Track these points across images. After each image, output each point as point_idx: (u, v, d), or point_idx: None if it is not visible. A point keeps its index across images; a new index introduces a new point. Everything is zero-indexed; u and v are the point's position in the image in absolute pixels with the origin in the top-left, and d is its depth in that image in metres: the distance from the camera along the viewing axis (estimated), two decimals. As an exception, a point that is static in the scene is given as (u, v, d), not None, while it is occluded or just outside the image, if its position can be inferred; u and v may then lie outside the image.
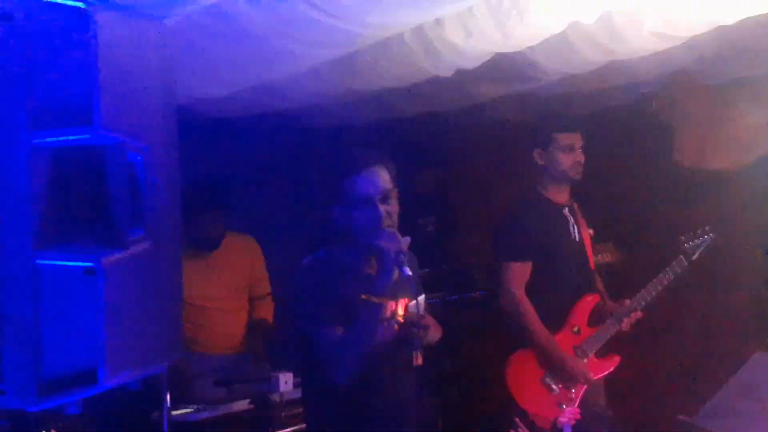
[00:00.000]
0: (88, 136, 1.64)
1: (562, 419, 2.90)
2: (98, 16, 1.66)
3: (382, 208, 2.78)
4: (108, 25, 1.68)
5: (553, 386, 3.92)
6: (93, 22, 1.64)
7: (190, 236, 4.38)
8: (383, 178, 2.83)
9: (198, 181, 4.46)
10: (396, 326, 2.88)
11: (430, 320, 2.91)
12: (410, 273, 2.68)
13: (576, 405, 3.72)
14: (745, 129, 4.55)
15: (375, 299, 2.69)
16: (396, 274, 2.71)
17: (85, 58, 1.64)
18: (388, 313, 2.80)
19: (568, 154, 4.01)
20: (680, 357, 4.96)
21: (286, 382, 3.61)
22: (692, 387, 4.36)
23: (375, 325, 2.73)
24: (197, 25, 2.75)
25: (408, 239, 2.76)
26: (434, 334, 2.96)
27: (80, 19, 1.66)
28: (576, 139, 4.03)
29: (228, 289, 4.50)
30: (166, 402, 3.51)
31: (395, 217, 2.83)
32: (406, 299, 2.90)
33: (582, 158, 4.02)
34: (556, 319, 3.99)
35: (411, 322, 2.75)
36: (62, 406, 1.71)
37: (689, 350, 4.95)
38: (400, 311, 2.81)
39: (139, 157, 1.76)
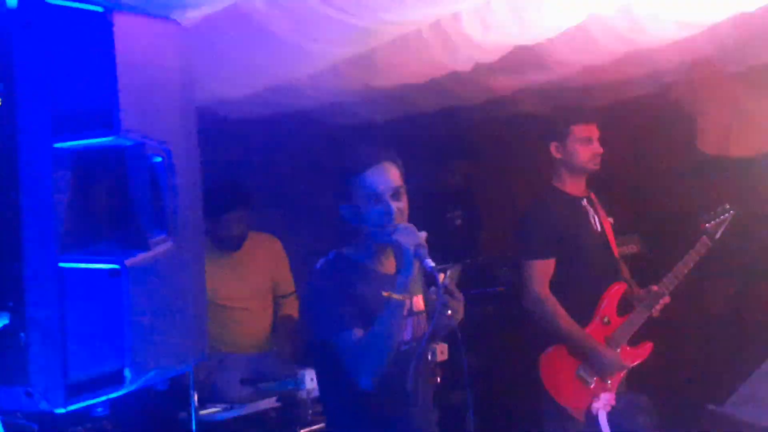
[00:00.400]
0: (109, 138, 1.65)
1: (596, 405, 2.82)
2: (116, 19, 1.68)
3: (393, 204, 2.72)
4: (125, 27, 1.69)
5: (588, 379, 3.90)
6: (110, 25, 1.66)
7: (214, 236, 4.41)
8: (393, 174, 2.77)
9: (220, 181, 4.49)
10: (418, 323, 2.84)
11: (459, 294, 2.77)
12: (433, 265, 2.59)
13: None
14: (766, 117, 4.51)
15: (397, 296, 2.61)
16: (416, 268, 2.63)
17: (104, 61, 1.65)
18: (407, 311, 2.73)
19: (587, 146, 3.98)
20: (708, 344, 4.93)
21: (312, 379, 3.59)
22: (721, 375, 4.33)
23: (398, 324, 2.66)
24: (215, 26, 2.76)
25: (425, 233, 2.68)
26: (461, 309, 2.79)
27: (98, 22, 1.67)
28: (593, 131, 4.00)
29: (252, 288, 4.53)
30: (194, 402, 3.54)
31: (406, 214, 2.78)
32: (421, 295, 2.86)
33: (600, 149, 3.99)
34: (585, 312, 3.97)
35: (449, 292, 2.62)
36: (89, 407, 1.71)
37: (717, 337, 4.92)
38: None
39: (159, 159, 1.77)
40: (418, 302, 2.87)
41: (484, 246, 5.85)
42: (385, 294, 2.62)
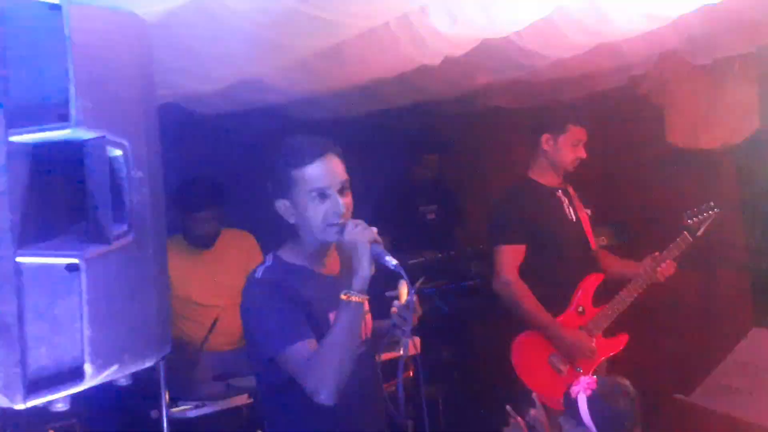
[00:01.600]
0: (65, 132, 1.63)
1: (576, 388, 2.74)
2: (72, 11, 1.65)
3: (341, 200, 2.49)
4: (82, 19, 1.67)
5: (560, 366, 3.92)
6: (66, 17, 1.64)
7: (187, 234, 4.40)
8: (339, 167, 2.54)
9: (194, 178, 4.47)
10: (368, 324, 2.69)
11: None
12: (395, 262, 2.40)
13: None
14: (734, 108, 4.55)
15: (356, 298, 2.39)
16: (373, 267, 2.43)
17: (60, 53, 1.63)
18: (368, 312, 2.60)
19: (575, 148, 4.04)
20: (677, 336, 4.97)
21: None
22: (689, 366, 4.37)
23: (358, 327, 2.45)
24: (179, 19, 2.73)
25: (375, 228, 2.47)
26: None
27: (53, 14, 1.65)
28: (584, 135, 4.07)
29: (226, 286, 4.51)
30: (165, 399, 3.52)
31: (351, 210, 2.54)
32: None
33: (584, 155, 4.05)
34: (560, 300, 4.00)
35: (410, 307, 2.44)
36: (50, 403, 1.69)
37: (686, 329, 4.96)
38: (402, 296, 2.48)
39: (119, 152, 1.75)
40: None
41: (457, 240, 5.87)
42: (343, 296, 2.40)
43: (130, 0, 2.12)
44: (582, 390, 2.71)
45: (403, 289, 2.49)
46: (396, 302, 2.50)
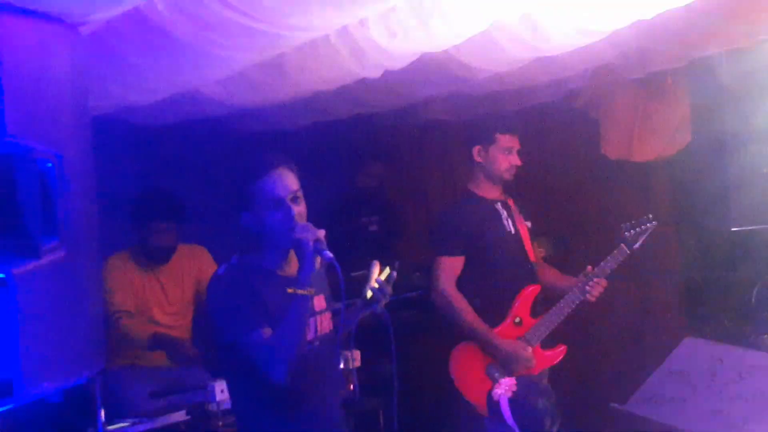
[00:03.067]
0: (-6, 144, 1.60)
1: (498, 391, 2.87)
2: (1, 21, 1.63)
3: (293, 208, 2.76)
4: (13, 30, 1.65)
5: (498, 376, 3.94)
6: (-5, 28, 1.61)
7: (144, 248, 4.35)
8: (291, 179, 2.81)
9: (154, 189, 4.43)
10: (321, 323, 2.90)
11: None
12: (331, 255, 2.67)
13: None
14: (667, 121, 4.66)
15: (301, 291, 2.66)
16: (318, 263, 2.69)
17: (-12, 64, 1.59)
18: (317, 307, 2.83)
19: (507, 156, 4.10)
20: (612, 345, 5.05)
21: (222, 390, 3.55)
22: (623, 374, 4.44)
23: (305, 318, 2.71)
24: (116, 31, 2.70)
25: (323, 230, 2.73)
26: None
27: (-19, 24, 1.62)
28: (515, 142, 4.12)
29: (179, 303, 4.49)
30: (101, 417, 3.46)
31: (305, 218, 2.81)
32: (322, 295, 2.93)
33: (518, 162, 4.11)
34: (497, 312, 4.04)
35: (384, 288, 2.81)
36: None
37: (621, 338, 5.05)
38: (381, 276, 2.83)
39: (50, 164, 1.72)
40: (320, 302, 2.92)
41: (399, 251, 5.88)
42: (289, 290, 2.66)
43: (62, 10, 2.10)
44: (503, 392, 2.82)
45: (375, 269, 2.86)
46: (378, 278, 2.84)
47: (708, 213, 4.61)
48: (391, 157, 6.09)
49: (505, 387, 2.82)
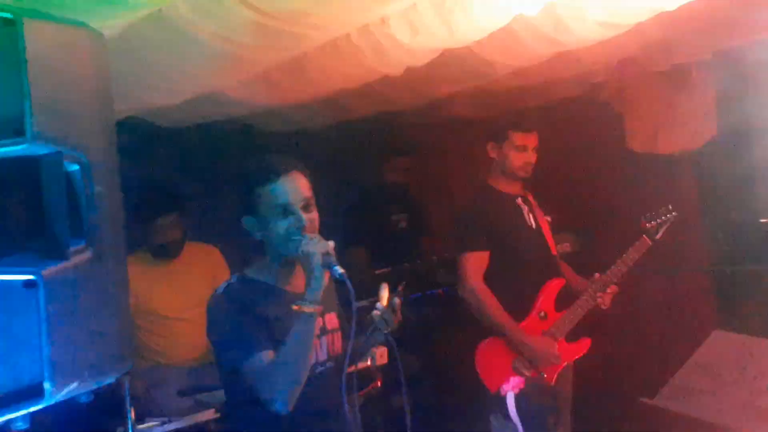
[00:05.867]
0: (21, 147, 1.62)
1: (506, 387, 2.90)
2: (27, 26, 1.65)
3: (305, 216, 2.55)
4: (38, 34, 1.66)
5: (524, 371, 3.94)
6: (21, 32, 1.62)
7: (150, 245, 4.35)
8: (303, 184, 2.60)
9: (149, 185, 4.43)
10: (333, 342, 2.71)
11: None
12: (342, 271, 2.43)
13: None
14: (692, 113, 4.61)
15: (307, 309, 2.44)
16: (327, 281, 2.48)
17: (15, 67, 1.61)
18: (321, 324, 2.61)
19: (520, 154, 4.10)
20: (640, 339, 5.02)
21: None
22: (653, 369, 4.41)
23: (311, 338, 2.48)
24: (139, 33, 2.73)
25: (332, 242, 2.51)
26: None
27: (9, 29, 1.63)
28: (530, 140, 4.10)
29: (191, 298, 4.46)
30: (130, 416, 3.48)
31: (317, 226, 2.59)
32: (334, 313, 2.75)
33: (533, 159, 4.11)
34: (522, 306, 4.03)
35: (394, 310, 2.54)
36: (9, 421, 1.66)
37: (649, 332, 5.01)
38: (384, 299, 2.53)
39: (76, 166, 1.74)
40: (332, 320, 2.76)
41: (426, 249, 5.88)
42: (294, 308, 2.45)
43: (87, 13, 2.12)
44: (511, 389, 2.86)
45: (384, 293, 2.56)
46: (378, 305, 2.56)
47: (736, 205, 4.57)
48: (415, 154, 6.09)
49: (513, 383, 2.87)
